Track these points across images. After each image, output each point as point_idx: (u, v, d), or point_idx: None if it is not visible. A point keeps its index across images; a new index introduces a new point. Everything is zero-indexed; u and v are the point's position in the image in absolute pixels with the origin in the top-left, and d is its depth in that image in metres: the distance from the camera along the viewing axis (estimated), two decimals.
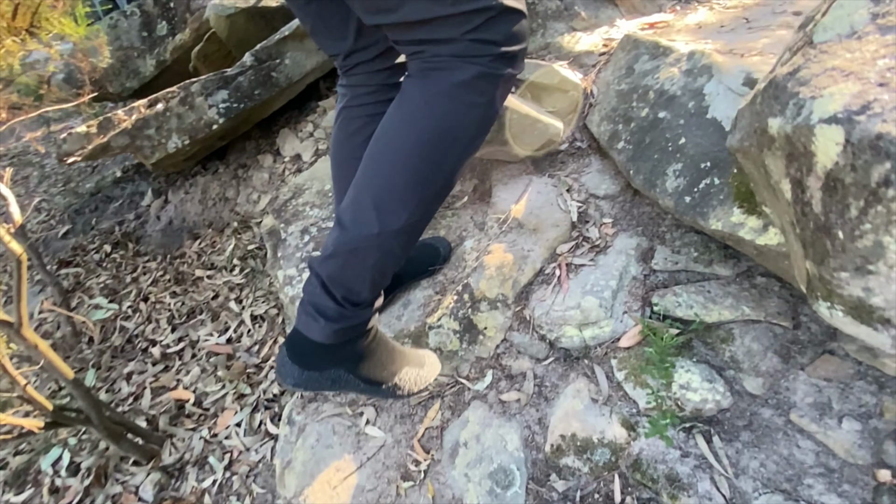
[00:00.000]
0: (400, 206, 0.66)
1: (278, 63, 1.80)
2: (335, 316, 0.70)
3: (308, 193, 1.66)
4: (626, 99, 1.17)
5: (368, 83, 0.86)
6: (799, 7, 1.41)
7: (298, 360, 0.74)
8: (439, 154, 0.65)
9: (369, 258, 0.68)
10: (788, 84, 0.35)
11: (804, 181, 0.32)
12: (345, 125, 0.90)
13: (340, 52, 0.83)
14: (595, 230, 1.13)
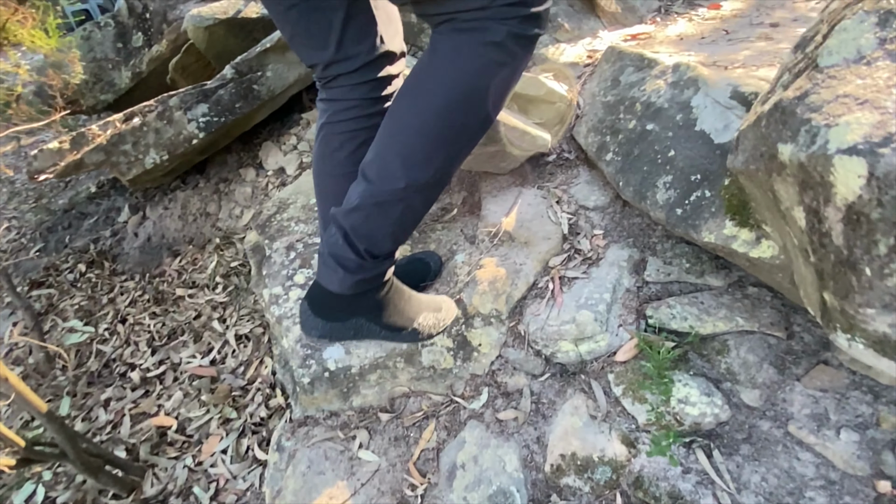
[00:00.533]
0: (426, 161, 0.69)
1: (260, 75, 1.77)
2: (355, 268, 0.75)
3: (293, 208, 1.63)
4: (612, 111, 1.18)
5: (349, 97, 0.82)
6: (775, 19, 1.45)
7: (320, 312, 0.81)
8: (467, 112, 0.66)
9: (394, 211, 0.71)
10: (798, 109, 0.34)
11: (821, 211, 0.32)
12: (326, 142, 0.87)
13: (320, 61, 0.78)
14: (586, 242, 1.12)
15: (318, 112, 0.87)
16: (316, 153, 0.90)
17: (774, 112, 0.38)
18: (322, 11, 0.70)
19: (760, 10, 1.58)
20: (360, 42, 0.75)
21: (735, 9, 1.63)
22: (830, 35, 0.38)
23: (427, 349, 1.08)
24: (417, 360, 1.08)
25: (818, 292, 0.36)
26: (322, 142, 0.88)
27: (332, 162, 0.87)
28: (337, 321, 0.82)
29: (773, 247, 0.74)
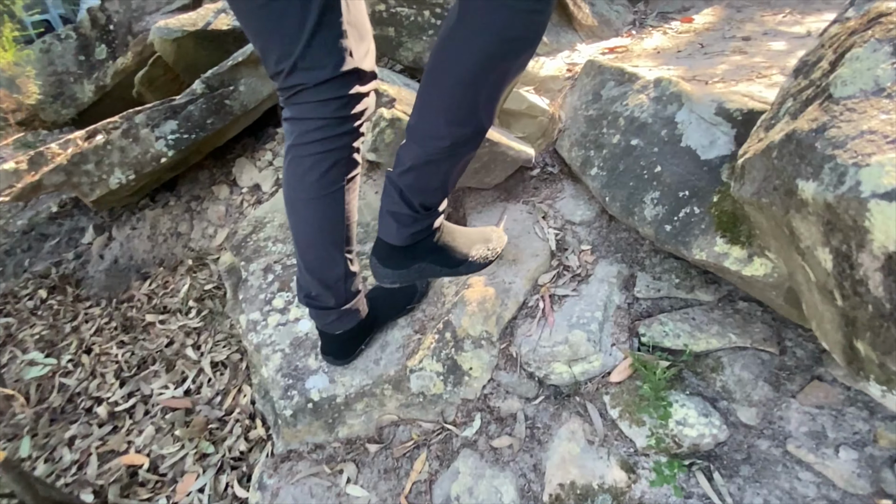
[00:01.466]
0: (470, 118, 0.73)
1: (232, 90, 1.71)
2: (410, 222, 0.83)
3: (270, 227, 1.57)
4: (595, 125, 1.17)
5: (316, 115, 0.77)
6: (746, 32, 1.48)
7: (388, 263, 0.89)
8: (504, 65, 0.70)
9: (444, 166, 0.78)
10: (817, 144, 0.33)
11: (853, 257, 0.30)
12: (295, 165, 0.82)
13: (285, 66, 0.73)
14: (575, 258, 1.11)
15: (285, 133, 0.82)
16: (285, 177, 0.85)
17: (788, 144, 0.36)
18: (292, 15, 0.68)
19: (731, 24, 1.62)
20: (328, 54, 0.72)
21: (707, 22, 1.66)
22: (841, 63, 0.37)
23: (416, 374, 1.04)
24: (406, 386, 1.04)
25: (843, 336, 0.34)
26: (291, 165, 0.83)
27: (302, 186, 0.82)
28: (403, 268, 0.90)
29: (765, 265, 0.73)
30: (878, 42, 0.35)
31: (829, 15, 1.55)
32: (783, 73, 1.05)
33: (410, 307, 1.14)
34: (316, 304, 0.95)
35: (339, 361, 1.07)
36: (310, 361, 1.12)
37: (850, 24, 0.40)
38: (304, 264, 0.91)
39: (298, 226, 0.88)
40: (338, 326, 0.99)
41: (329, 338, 1.03)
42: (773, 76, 1.03)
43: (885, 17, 0.37)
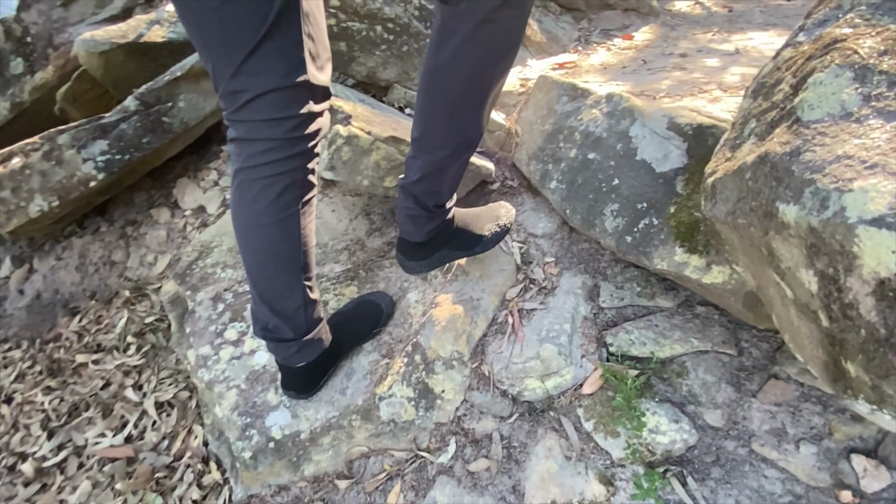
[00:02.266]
0: (471, 126, 0.81)
1: (170, 106, 1.60)
2: (427, 221, 0.92)
3: (218, 252, 1.47)
4: (552, 139, 1.19)
5: (266, 136, 0.71)
6: (682, 49, 1.58)
7: (412, 257, 0.98)
8: (498, 72, 0.76)
9: (450, 170, 0.86)
10: (793, 168, 0.34)
11: (841, 280, 0.31)
12: (244, 189, 0.76)
13: (230, 69, 0.66)
14: (539, 271, 1.11)
15: (231, 155, 0.76)
16: (234, 203, 0.79)
17: (762, 166, 0.37)
18: (247, 19, 0.63)
19: (668, 41, 1.72)
20: (278, 60, 0.66)
21: (646, 39, 1.76)
22: (805, 88, 0.39)
23: (385, 402, 1.00)
24: (375, 415, 0.99)
25: (827, 355, 0.35)
26: (239, 189, 0.77)
27: (252, 212, 0.77)
28: (427, 259, 0.98)
29: (723, 273, 0.77)
30: (839, 68, 0.37)
31: (752, 33, 1.69)
32: (721, 88, 1.13)
33: (377, 330, 1.10)
34: (274, 336, 0.89)
35: (301, 395, 1.00)
36: (269, 397, 1.04)
37: (805, 49, 0.42)
38: (259, 295, 0.85)
39: (251, 254, 0.82)
40: (299, 359, 0.93)
41: (290, 371, 0.96)
42: (713, 91, 1.09)
43: (840, 42, 0.39)
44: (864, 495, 0.69)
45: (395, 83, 1.66)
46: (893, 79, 0.33)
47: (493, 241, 1.04)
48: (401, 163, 1.20)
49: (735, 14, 2.03)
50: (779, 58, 0.45)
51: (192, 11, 0.64)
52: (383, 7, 1.53)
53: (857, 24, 0.39)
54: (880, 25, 0.38)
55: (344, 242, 1.41)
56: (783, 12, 1.98)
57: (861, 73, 0.35)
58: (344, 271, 1.30)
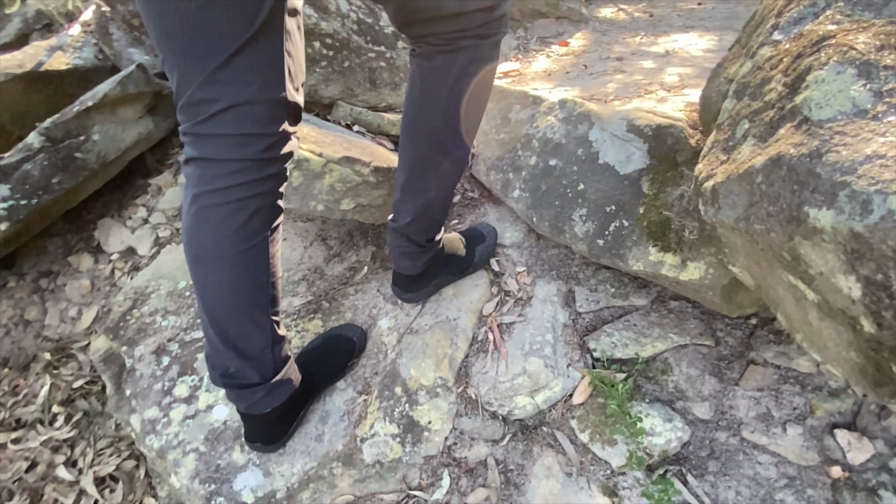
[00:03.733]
0: (458, 165, 0.85)
1: (83, 141, 1.42)
2: (421, 254, 0.95)
3: (155, 298, 1.32)
4: (509, 148, 1.18)
5: (236, 156, 0.64)
6: (617, 53, 1.65)
7: (409, 289, 1.02)
8: (479, 111, 0.82)
9: (437, 207, 0.90)
10: (819, 170, 0.33)
11: (891, 285, 0.30)
12: (205, 215, 0.68)
13: (200, 77, 0.59)
14: (513, 282, 1.09)
15: (187, 178, 0.67)
16: (191, 231, 0.70)
17: (776, 169, 0.36)
18: (231, 23, 0.56)
19: (601, 46, 1.79)
20: (257, 71, 0.60)
21: (581, 45, 1.83)
22: (805, 87, 0.39)
23: (368, 443, 0.92)
24: (358, 458, 0.92)
25: (865, 359, 0.35)
26: (199, 216, 0.68)
27: (216, 240, 0.69)
28: (423, 289, 1.02)
29: (699, 268, 0.78)
30: (840, 65, 0.37)
31: (675, 35, 1.80)
32: (664, 88, 1.17)
33: (351, 364, 1.02)
34: (236, 382, 0.79)
35: (270, 447, 0.90)
36: (234, 456, 0.93)
37: (787, 47, 0.43)
38: (219, 335, 0.75)
39: (211, 289, 0.72)
40: (266, 404, 0.83)
41: (256, 421, 0.86)
42: (657, 91, 1.14)
43: (830, 39, 0.40)
44: (851, 468, 0.72)
45: (339, 100, 1.59)
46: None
47: (482, 260, 1.09)
48: (357, 184, 1.13)
49: (656, 18, 2.17)
50: (757, 57, 0.45)
51: (164, 10, 0.56)
52: (319, 22, 1.46)
53: (839, 20, 0.40)
54: (864, 21, 0.39)
55: (300, 272, 1.31)
56: (698, 15, 2.14)
57: (865, 70, 0.35)
58: (304, 304, 1.21)
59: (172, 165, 1.81)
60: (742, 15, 2.06)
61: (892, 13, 0.38)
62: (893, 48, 0.35)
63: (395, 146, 1.46)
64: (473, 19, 0.70)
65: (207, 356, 0.79)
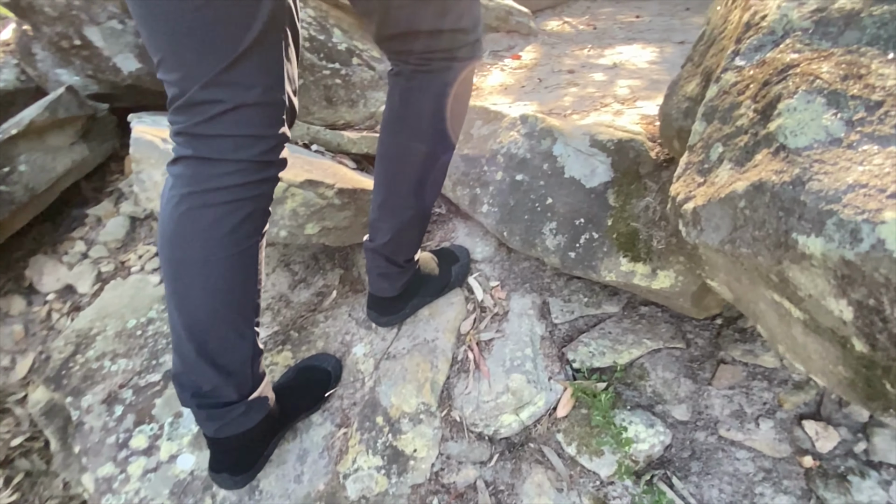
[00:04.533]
0: (431, 186, 0.84)
1: (8, 172, 1.29)
2: (399, 275, 0.93)
3: (102, 340, 1.21)
4: (473, 164, 1.18)
5: (235, 157, 0.63)
6: (568, 66, 1.71)
7: (386, 312, 0.98)
8: (458, 127, 0.81)
9: (415, 227, 0.89)
10: (804, 198, 0.34)
11: (887, 311, 0.31)
12: (194, 216, 0.65)
13: (204, 78, 0.58)
14: (488, 297, 1.09)
15: (175, 179, 0.65)
16: (176, 232, 0.66)
17: (759, 195, 0.38)
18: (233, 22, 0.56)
19: (552, 59, 1.85)
20: (263, 72, 0.61)
21: (532, 58, 1.87)
22: (777, 114, 0.41)
23: (351, 479, 0.88)
24: (342, 496, 0.87)
25: (855, 374, 0.36)
26: (187, 216, 0.65)
27: (205, 242, 0.66)
28: (401, 311, 1.00)
29: (669, 277, 0.81)
30: (808, 94, 0.40)
31: (620, 48, 1.89)
32: (618, 101, 1.22)
33: (328, 395, 0.97)
34: (210, 401, 0.73)
35: (238, 478, 0.81)
36: None
37: (751, 73, 0.45)
38: (197, 349, 0.69)
39: (194, 297, 0.68)
40: (241, 423, 0.76)
41: (225, 445, 0.78)
42: (612, 105, 1.18)
43: (794, 68, 0.42)
44: (821, 457, 0.76)
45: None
46: (868, 103, 0.36)
47: (458, 280, 1.08)
48: (321, 207, 1.10)
49: (599, 31, 2.27)
50: (722, 81, 0.47)
51: (164, 11, 0.54)
52: None
53: (800, 49, 0.43)
54: (823, 50, 0.42)
55: (264, 301, 1.25)
56: (637, 28, 2.25)
57: (833, 99, 0.38)
58: (271, 336, 1.15)
59: (112, 193, 1.68)
60: (677, 27, 2.20)
61: (847, 42, 0.41)
62: (856, 77, 0.38)
63: (356, 165, 1.43)
64: (452, 40, 0.71)
65: (176, 375, 0.73)
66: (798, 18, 0.44)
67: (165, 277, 0.68)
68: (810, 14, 0.44)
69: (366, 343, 1.06)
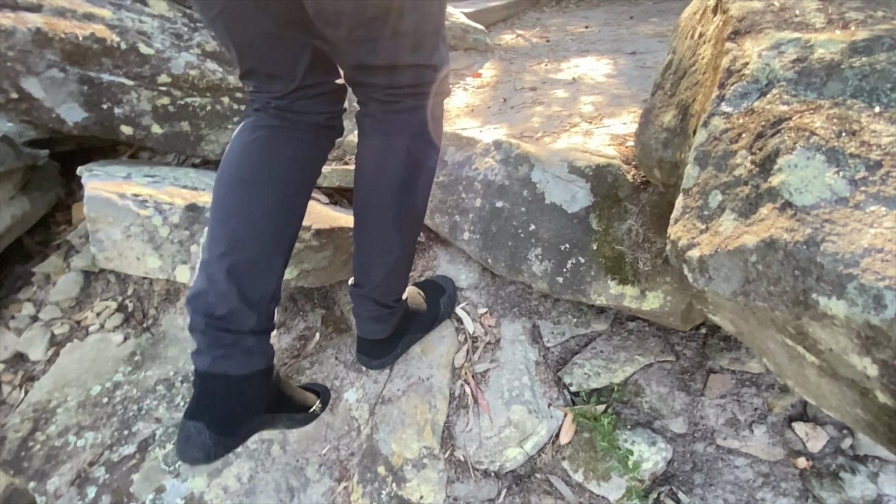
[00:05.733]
0: (413, 222, 0.83)
1: None
2: (389, 316, 0.90)
3: (63, 413, 1.12)
4: (451, 191, 1.18)
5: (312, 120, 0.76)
6: (529, 83, 1.74)
7: (376, 355, 0.95)
8: (431, 171, 0.81)
9: (401, 268, 0.87)
10: (822, 260, 0.35)
11: None
12: (272, 145, 0.73)
13: (280, 91, 0.72)
14: (479, 326, 1.08)
15: (255, 116, 0.74)
16: (243, 151, 0.73)
17: (772, 252, 0.39)
18: (290, 46, 0.69)
19: (512, 75, 1.88)
20: (326, 73, 0.75)
21: (493, 76, 1.90)
22: (778, 169, 0.42)
23: None
24: None
25: (881, 422, 0.38)
26: (264, 143, 0.73)
27: (270, 164, 0.73)
28: (392, 353, 0.97)
29: (658, 297, 0.83)
30: (807, 150, 0.41)
31: (575, 60, 1.95)
32: (585, 119, 1.25)
33: (312, 410, 0.89)
34: (221, 325, 0.68)
35: (216, 440, 0.68)
36: None
37: (741, 122, 0.47)
38: (229, 266, 0.68)
39: (248, 212, 0.71)
40: (243, 364, 0.70)
41: (211, 389, 0.69)
42: (580, 125, 1.21)
43: (786, 121, 0.44)
44: (813, 456, 0.80)
45: None
46: (868, 162, 0.38)
47: (447, 312, 1.07)
48: (298, 251, 1.05)
49: (553, 43, 2.33)
50: (711, 126, 0.49)
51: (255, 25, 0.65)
52: (226, 76, 1.35)
53: (788, 100, 0.45)
54: (811, 101, 0.44)
55: None
56: (588, 39, 2.34)
57: (832, 157, 0.39)
58: None
59: (60, 247, 1.55)
60: (626, 37, 2.29)
61: (832, 94, 0.44)
62: (850, 134, 0.40)
63: (329, 199, 1.39)
64: (417, 75, 0.71)
65: (194, 296, 0.70)
66: (780, 68, 0.47)
67: (220, 196, 0.72)
68: (791, 64, 0.46)
69: (357, 387, 1.03)
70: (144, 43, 1.27)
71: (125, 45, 1.23)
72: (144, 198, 1.07)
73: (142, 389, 1.18)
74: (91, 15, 1.24)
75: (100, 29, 1.23)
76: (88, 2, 1.30)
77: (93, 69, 1.21)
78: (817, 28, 0.49)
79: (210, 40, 1.38)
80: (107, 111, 1.23)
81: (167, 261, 1.06)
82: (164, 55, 1.27)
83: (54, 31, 1.14)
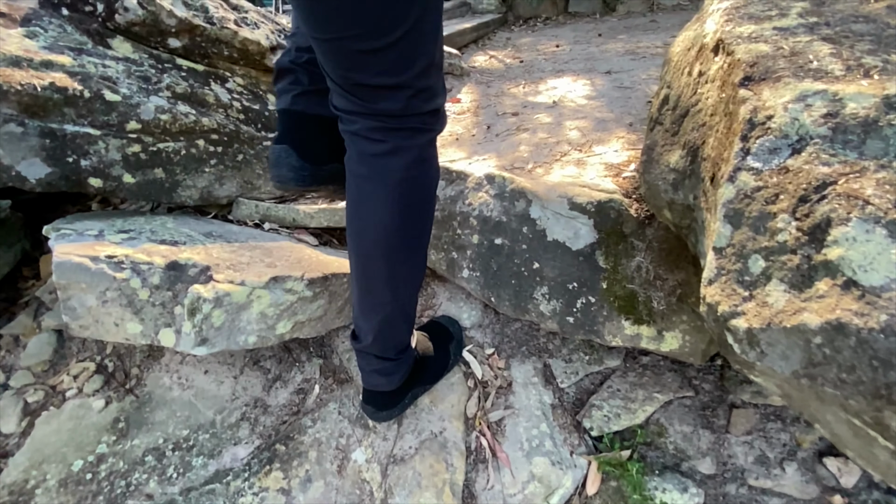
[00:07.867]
0: (408, 275, 0.77)
1: None
2: (395, 369, 0.86)
3: (43, 494, 1.03)
4: (445, 227, 1.14)
5: None
6: (510, 108, 1.72)
7: (385, 407, 0.90)
8: (424, 220, 0.74)
9: (399, 318, 0.81)
10: None
11: None
12: None
13: None
14: (488, 370, 1.03)
15: None
16: None
17: (842, 338, 0.35)
18: None
19: (491, 100, 1.86)
20: None
21: (472, 100, 1.87)
22: (833, 242, 0.39)
23: None
24: None
25: None
26: None
27: None
28: (400, 404, 0.92)
29: (676, 337, 0.79)
30: (864, 222, 0.38)
31: (552, 81, 1.94)
32: (574, 147, 1.23)
33: None
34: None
35: (308, 167, 0.80)
36: None
37: (775, 181, 0.44)
38: None
39: None
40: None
41: (295, 127, 0.78)
42: (570, 153, 1.18)
43: (832, 186, 0.41)
44: (849, 493, 0.77)
45: (239, 197, 1.42)
46: None
47: (456, 358, 1.02)
48: (291, 303, 1.00)
49: (527, 64, 2.33)
50: (739, 182, 0.45)
51: None
52: (199, 119, 1.29)
53: (828, 161, 0.42)
54: (854, 162, 0.41)
55: (237, 411, 1.11)
56: (561, 59, 2.34)
57: (894, 231, 0.36)
58: (253, 454, 1.02)
59: (28, 304, 1.45)
60: (597, 55, 2.30)
61: (874, 154, 0.41)
62: None
63: (318, 241, 1.34)
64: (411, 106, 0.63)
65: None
66: (812, 123, 0.44)
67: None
68: (823, 119, 0.43)
69: (366, 446, 0.96)
70: (110, 89, 1.20)
71: (89, 93, 1.16)
72: (120, 259, 1.00)
73: (129, 461, 1.09)
74: (49, 63, 1.17)
75: (60, 77, 1.15)
76: (46, 49, 1.23)
77: (55, 121, 1.13)
78: (837, 76, 0.46)
79: (181, 81, 1.32)
80: (72, 164, 1.15)
81: (149, 325, 0.98)
82: (132, 101, 1.21)
83: (9, 82, 1.07)
